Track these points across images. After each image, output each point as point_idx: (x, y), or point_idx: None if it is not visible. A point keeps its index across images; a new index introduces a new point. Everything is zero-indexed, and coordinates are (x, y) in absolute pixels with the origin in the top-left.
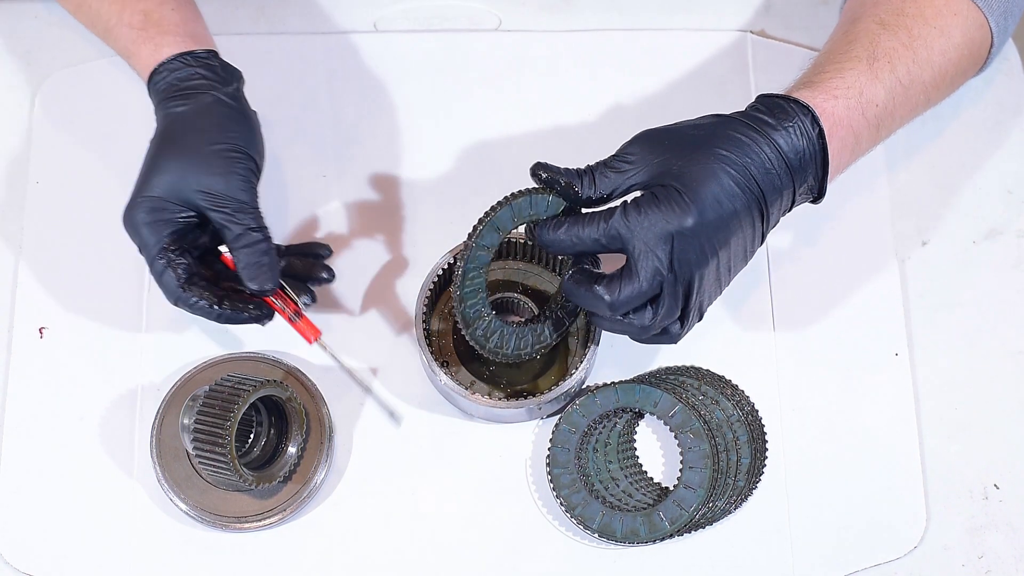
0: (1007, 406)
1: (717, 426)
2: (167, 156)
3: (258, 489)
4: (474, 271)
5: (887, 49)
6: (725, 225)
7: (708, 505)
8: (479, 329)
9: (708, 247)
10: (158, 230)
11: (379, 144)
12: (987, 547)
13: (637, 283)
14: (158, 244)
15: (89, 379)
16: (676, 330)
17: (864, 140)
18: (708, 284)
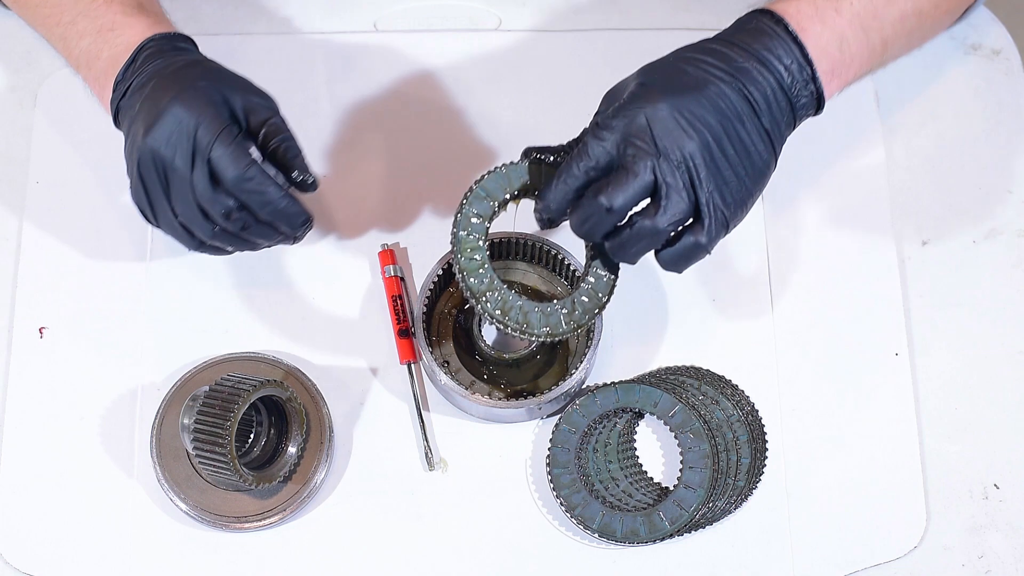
0: (1007, 406)
1: (717, 426)
2: (193, 72)
3: (258, 489)
4: (470, 240)
5: None
6: (703, 97)
7: (708, 505)
8: (491, 302)
9: (690, 121)
10: (219, 110)
11: (379, 144)
12: (987, 547)
13: (626, 175)
14: (221, 118)
15: (89, 379)
16: (700, 235)
17: (852, 42)
18: (710, 171)
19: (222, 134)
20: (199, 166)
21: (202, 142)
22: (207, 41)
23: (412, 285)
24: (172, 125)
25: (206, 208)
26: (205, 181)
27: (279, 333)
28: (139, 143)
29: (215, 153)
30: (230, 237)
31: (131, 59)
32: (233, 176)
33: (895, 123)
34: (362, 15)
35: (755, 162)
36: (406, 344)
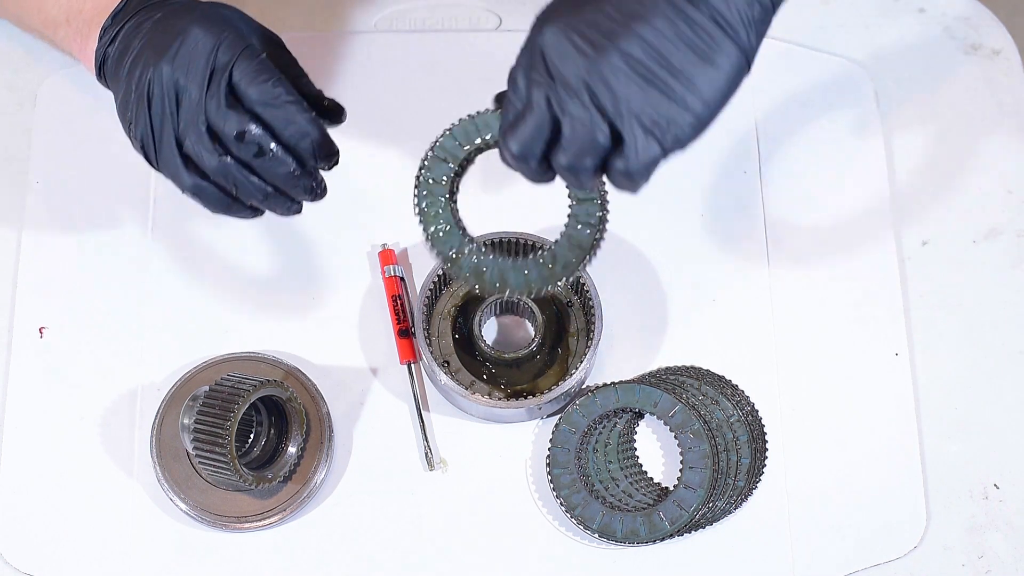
0: (1007, 406)
1: (717, 426)
2: (205, 3)
3: (258, 489)
4: (429, 200)
5: None
6: (608, 5)
7: (708, 505)
8: (464, 267)
9: (586, 36)
10: (241, 30)
11: (379, 144)
12: (987, 547)
13: (522, 114)
14: (243, 37)
15: (89, 379)
16: (619, 162)
17: None
18: (621, 87)
19: (244, 51)
20: (216, 84)
21: (221, 59)
22: None
23: (412, 285)
24: (189, 46)
25: (218, 127)
26: (220, 98)
27: (279, 333)
28: (148, 69)
29: (237, 69)
30: (237, 171)
31: (121, 5)
32: (257, 90)
33: (895, 123)
34: (362, 15)
35: (696, 65)
36: (406, 344)
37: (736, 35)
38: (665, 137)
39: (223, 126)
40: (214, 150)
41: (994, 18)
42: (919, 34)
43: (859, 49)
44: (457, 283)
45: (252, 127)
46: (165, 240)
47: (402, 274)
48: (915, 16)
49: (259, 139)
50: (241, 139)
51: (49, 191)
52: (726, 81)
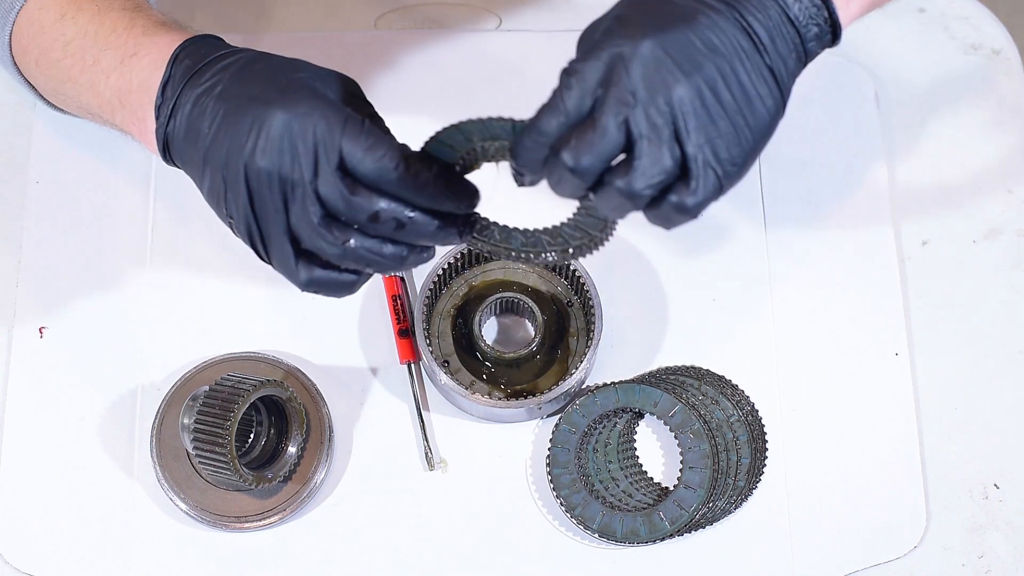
0: (1007, 406)
1: (717, 426)
2: (270, 65)
3: (258, 489)
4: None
5: None
6: (693, 30)
7: (708, 505)
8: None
9: (676, 60)
10: (330, 98)
11: None
12: (987, 547)
13: (592, 128)
14: (338, 108)
15: (89, 379)
16: (685, 196)
17: None
18: (700, 121)
19: (348, 124)
20: (325, 170)
21: (326, 140)
22: None
23: (412, 285)
24: (281, 131)
25: (345, 215)
26: (338, 185)
27: (279, 333)
28: (237, 160)
29: (346, 147)
30: (367, 251)
31: (167, 76)
32: (376, 168)
33: (895, 123)
34: (362, 15)
35: (757, 109)
36: (406, 344)
37: (785, 86)
38: (726, 177)
39: (354, 216)
40: (333, 240)
41: (994, 18)
42: (919, 34)
43: (859, 49)
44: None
45: (383, 204)
46: (165, 240)
47: (402, 274)
48: (915, 16)
49: (395, 213)
50: (376, 220)
51: (49, 191)
52: (769, 129)
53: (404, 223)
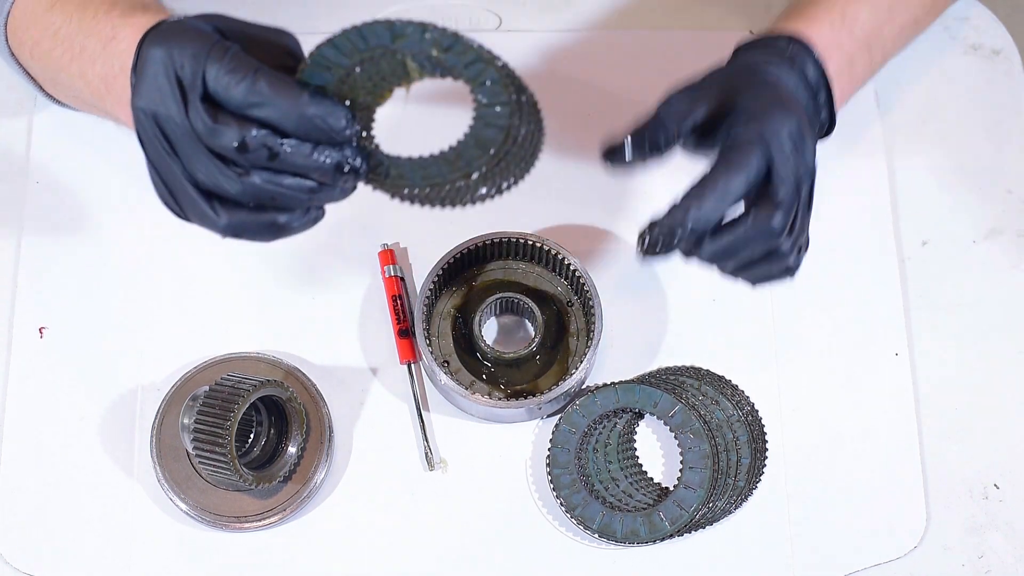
0: (1007, 406)
1: (717, 426)
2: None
3: (258, 489)
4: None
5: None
6: (799, 112)
7: (708, 505)
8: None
9: (812, 143)
10: (203, 32)
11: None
12: (987, 547)
13: (787, 193)
14: (206, 37)
15: (89, 379)
16: (787, 249)
17: (858, 63)
18: (812, 196)
19: (213, 50)
20: (193, 102)
21: (186, 73)
22: None
23: (412, 285)
24: (149, 72)
25: (216, 148)
26: (202, 115)
27: (279, 333)
28: (134, 114)
29: (209, 76)
30: (265, 183)
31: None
32: (238, 92)
33: (895, 123)
34: (362, 15)
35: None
36: (406, 344)
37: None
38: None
39: (220, 144)
40: (231, 173)
41: (994, 18)
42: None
43: None
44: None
45: (251, 132)
46: (165, 240)
47: (402, 274)
48: None
49: (264, 140)
50: (245, 149)
51: (49, 191)
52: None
53: (276, 152)
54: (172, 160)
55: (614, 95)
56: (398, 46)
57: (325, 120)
